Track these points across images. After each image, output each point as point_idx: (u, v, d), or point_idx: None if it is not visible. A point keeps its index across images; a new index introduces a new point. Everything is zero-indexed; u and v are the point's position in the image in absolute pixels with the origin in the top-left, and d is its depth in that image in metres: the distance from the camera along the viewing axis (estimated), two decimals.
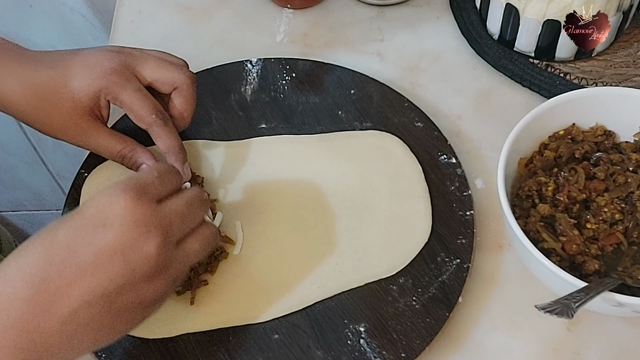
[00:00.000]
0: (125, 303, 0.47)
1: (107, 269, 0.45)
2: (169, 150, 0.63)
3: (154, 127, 0.62)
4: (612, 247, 0.59)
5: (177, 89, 0.64)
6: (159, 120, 0.62)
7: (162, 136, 0.63)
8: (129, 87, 0.61)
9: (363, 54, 0.80)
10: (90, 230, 0.46)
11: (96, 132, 0.63)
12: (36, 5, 1.05)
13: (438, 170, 0.68)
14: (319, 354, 0.59)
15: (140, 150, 0.65)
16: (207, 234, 0.53)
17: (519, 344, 0.61)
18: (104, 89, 0.61)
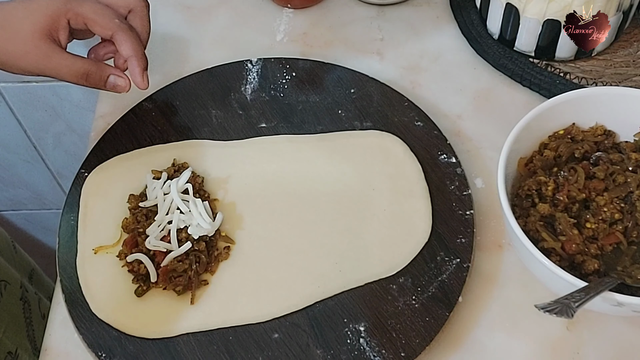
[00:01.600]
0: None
1: None
2: (133, 53, 0.64)
3: (119, 33, 0.64)
4: (612, 246, 0.59)
5: (131, 11, 0.66)
6: (123, 25, 0.64)
7: (126, 40, 0.64)
8: (87, 1, 0.64)
9: (363, 54, 0.80)
10: None
11: (57, 54, 0.63)
12: None
13: (438, 170, 0.68)
14: (319, 353, 0.59)
15: (103, 64, 0.65)
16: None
17: (519, 344, 0.61)
18: (63, 9, 0.63)
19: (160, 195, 0.65)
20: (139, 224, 0.64)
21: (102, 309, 0.61)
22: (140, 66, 0.64)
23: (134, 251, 0.63)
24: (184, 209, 0.63)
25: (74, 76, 0.64)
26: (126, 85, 0.65)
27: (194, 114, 0.73)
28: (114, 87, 0.65)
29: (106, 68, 0.65)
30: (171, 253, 0.62)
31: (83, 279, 0.63)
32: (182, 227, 0.63)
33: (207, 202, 0.65)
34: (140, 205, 0.65)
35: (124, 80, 0.65)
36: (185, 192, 0.65)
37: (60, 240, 0.65)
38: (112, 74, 0.65)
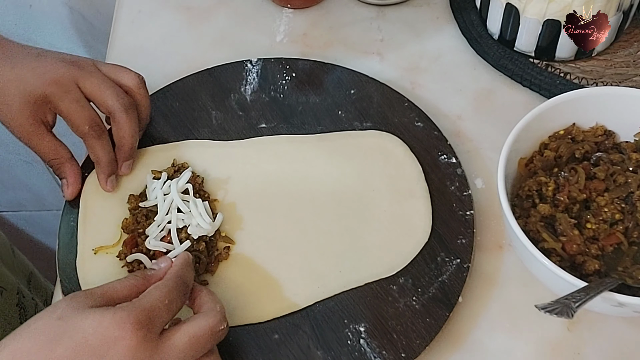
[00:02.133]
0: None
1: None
2: (97, 162, 0.66)
3: (87, 139, 0.65)
4: (612, 247, 0.59)
5: (111, 114, 0.65)
6: (92, 132, 0.64)
7: (94, 148, 0.65)
8: (66, 98, 0.63)
9: (363, 54, 0.80)
10: (89, 357, 0.46)
11: (36, 136, 0.65)
12: (36, 5, 1.05)
13: (438, 170, 0.68)
14: (319, 354, 0.59)
15: (68, 166, 0.67)
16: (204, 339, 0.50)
17: (519, 344, 0.61)
18: (44, 98, 0.63)
19: (160, 196, 0.64)
20: (138, 224, 0.64)
21: None
22: (102, 173, 0.66)
23: (134, 251, 0.63)
24: (184, 209, 0.63)
25: (43, 160, 0.67)
26: (72, 194, 0.67)
27: (194, 114, 0.73)
28: (63, 189, 0.67)
29: (65, 170, 0.66)
30: (171, 252, 0.62)
31: (83, 279, 0.63)
32: (181, 227, 0.63)
33: (207, 202, 0.65)
34: (140, 206, 0.65)
35: (72, 191, 0.67)
36: (186, 192, 0.65)
37: (60, 241, 0.65)
38: (66, 178, 0.67)
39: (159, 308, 0.48)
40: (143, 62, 0.80)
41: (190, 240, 0.62)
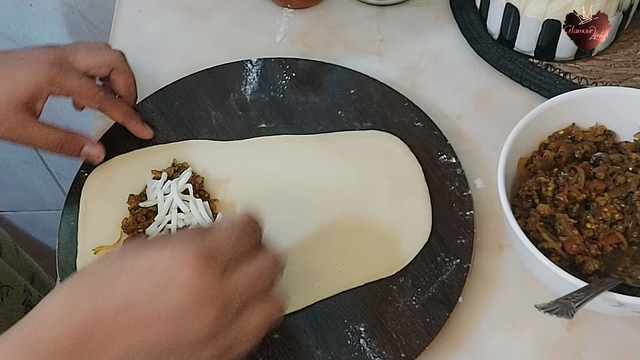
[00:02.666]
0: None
1: (157, 331, 0.44)
2: (124, 118, 0.68)
3: (106, 102, 0.67)
4: (612, 247, 0.59)
5: (114, 69, 0.68)
6: (108, 94, 0.67)
7: (116, 107, 0.68)
8: (71, 75, 0.64)
9: (363, 54, 0.80)
10: (151, 288, 0.44)
11: (31, 125, 0.64)
12: (36, 5, 1.05)
13: (438, 170, 0.68)
14: (319, 353, 0.59)
15: (79, 134, 0.67)
16: (269, 309, 0.49)
17: (519, 344, 0.61)
18: (47, 81, 0.63)
19: (161, 196, 0.64)
20: (138, 224, 0.64)
21: None
22: (137, 124, 0.69)
23: None
24: (184, 209, 0.63)
25: (48, 146, 0.65)
26: (100, 154, 0.68)
27: (194, 114, 0.73)
28: (88, 156, 0.68)
29: (80, 138, 0.67)
30: None
31: None
32: (181, 227, 0.63)
33: (207, 202, 0.65)
34: (141, 206, 0.65)
35: (98, 150, 0.68)
36: (186, 192, 0.65)
37: (61, 241, 0.65)
38: (86, 143, 0.67)
39: (225, 246, 0.47)
40: (143, 61, 0.80)
41: None
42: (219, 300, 0.45)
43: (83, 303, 0.43)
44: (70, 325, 0.42)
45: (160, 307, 0.43)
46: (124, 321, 0.43)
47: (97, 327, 0.42)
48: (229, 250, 0.47)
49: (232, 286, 0.46)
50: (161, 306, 0.43)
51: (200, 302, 0.44)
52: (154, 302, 0.43)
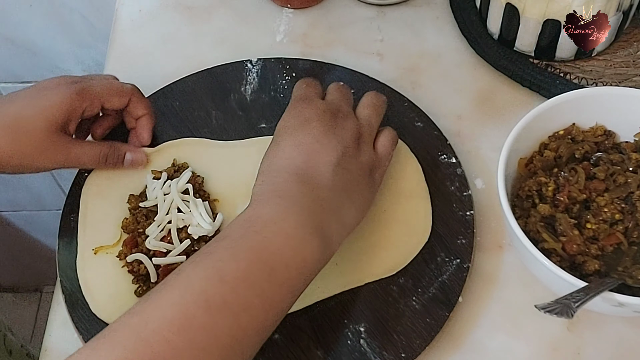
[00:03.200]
0: (355, 169, 0.58)
1: (328, 145, 0.57)
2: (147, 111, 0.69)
3: (134, 96, 0.68)
4: (612, 247, 0.59)
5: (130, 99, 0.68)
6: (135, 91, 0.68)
7: (141, 100, 0.68)
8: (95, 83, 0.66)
9: (363, 54, 0.80)
10: (301, 130, 0.58)
11: (74, 146, 0.65)
12: (36, 5, 1.05)
13: (438, 170, 0.68)
14: (319, 353, 0.59)
15: (118, 144, 0.68)
16: (370, 97, 0.64)
17: (519, 344, 0.61)
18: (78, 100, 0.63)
19: (161, 196, 0.64)
20: (139, 224, 0.64)
21: (102, 310, 0.61)
22: (151, 123, 0.69)
23: (134, 251, 0.63)
24: (184, 209, 0.63)
25: (94, 162, 0.66)
26: (143, 159, 0.69)
27: (194, 114, 0.73)
28: (132, 163, 0.68)
29: (121, 147, 0.68)
30: (171, 252, 0.62)
31: (83, 279, 0.63)
32: (181, 226, 0.63)
33: (207, 202, 0.65)
34: (141, 206, 0.65)
35: (141, 155, 0.68)
36: (186, 192, 0.65)
37: (60, 241, 0.65)
38: (128, 151, 0.68)
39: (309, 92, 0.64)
40: (143, 61, 0.81)
41: (190, 240, 0.62)
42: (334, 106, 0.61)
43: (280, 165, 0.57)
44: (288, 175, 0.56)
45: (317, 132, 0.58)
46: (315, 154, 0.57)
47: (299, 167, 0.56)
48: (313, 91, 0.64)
49: (332, 99, 0.63)
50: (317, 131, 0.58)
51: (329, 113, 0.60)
52: (313, 133, 0.58)
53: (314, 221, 0.53)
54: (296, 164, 0.56)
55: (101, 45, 1.09)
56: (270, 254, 0.50)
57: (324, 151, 0.57)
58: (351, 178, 0.57)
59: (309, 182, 0.55)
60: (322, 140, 0.57)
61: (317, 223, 0.53)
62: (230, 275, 0.48)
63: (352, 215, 0.57)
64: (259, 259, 0.49)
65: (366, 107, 0.63)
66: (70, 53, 1.14)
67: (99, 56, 1.13)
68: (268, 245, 0.50)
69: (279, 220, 0.51)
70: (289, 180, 0.55)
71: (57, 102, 0.62)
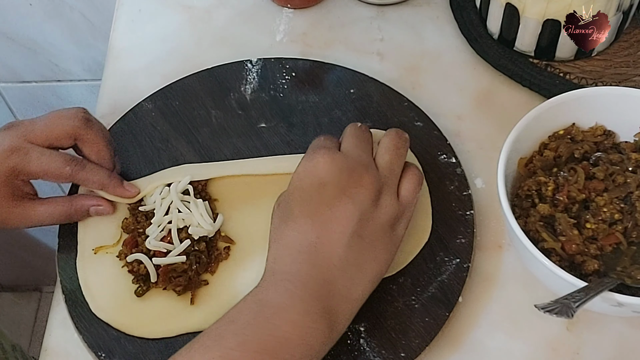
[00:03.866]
0: (372, 232, 0.56)
1: (343, 214, 0.55)
2: (101, 187, 0.64)
3: (75, 176, 0.62)
4: (612, 247, 0.59)
5: (77, 139, 0.63)
6: (75, 167, 0.62)
7: (87, 179, 0.63)
8: (32, 158, 0.61)
9: (363, 54, 0.80)
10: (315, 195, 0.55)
11: (32, 209, 0.63)
12: (36, 4, 1.05)
13: (438, 170, 0.68)
14: None
15: (79, 199, 0.65)
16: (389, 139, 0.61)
17: (518, 344, 0.61)
18: (11, 171, 0.61)
19: (158, 200, 0.64)
20: (139, 224, 0.64)
21: (102, 309, 0.61)
22: (116, 188, 0.64)
23: (134, 251, 0.63)
24: (183, 210, 0.63)
25: (56, 221, 0.64)
26: (109, 209, 0.65)
27: (194, 114, 0.73)
28: (98, 214, 0.65)
29: (83, 202, 0.65)
30: (171, 252, 0.62)
31: (83, 279, 0.63)
32: (182, 227, 0.63)
33: (207, 202, 0.65)
34: (140, 209, 0.65)
35: (105, 207, 0.65)
36: (186, 192, 0.65)
37: (60, 240, 0.65)
38: (91, 205, 0.65)
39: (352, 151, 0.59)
40: (143, 61, 0.81)
41: (190, 240, 0.62)
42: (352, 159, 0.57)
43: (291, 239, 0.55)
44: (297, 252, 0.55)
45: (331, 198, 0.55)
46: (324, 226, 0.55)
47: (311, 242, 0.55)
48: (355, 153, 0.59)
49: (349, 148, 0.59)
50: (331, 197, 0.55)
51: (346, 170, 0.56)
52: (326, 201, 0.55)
53: (321, 306, 0.53)
54: (308, 240, 0.54)
55: (101, 44, 1.10)
56: (276, 342, 0.50)
57: (337, 222, 0.55)
58: (366, 246, 0.55)
59: (319, 263, 0.54)
60: (337, 208, 0.55)
61: (324, 307, 0.53)
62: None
63: (364, 288, 0.56)
64: (266, 348, 0.50)
65: (387, 152, 0.59)
66: (70, 52, 1.14)
67: (98, 55, 1.13)
68: (275, 333, 0.50)
69: (287, 307, 0.52)
70: (299, 260, 0.54)
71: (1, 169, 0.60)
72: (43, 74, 1.18)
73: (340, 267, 0.54)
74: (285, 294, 0.52)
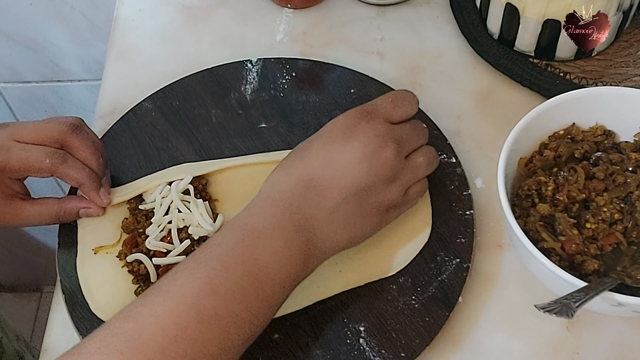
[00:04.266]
0: (370, 204, 0.57)
1: (356, 173, 0.56)
2: (79, 185, 0.63)
3: (56, 170, 0.61)
4: (612, 246, 0.59)
5: (64, 145, 0.62)
6: (55, 161, 0.61)
7: (67, 173, 0.62)
8: (12, 153, 0.61)
9: (363, 54, 0.80)
10: (340, 144, 0.56)
11: (21, 209, 0.63)
12: (36, 3, 1.05)
13: (438, 170, 0.68)
14: (318, 353, 0.59)
15: (69, 201, 0.65)
16: (430, 151, 0.62)
17: (518, 344, 0.61)
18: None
19: (158, 199, 0.64)
20: (138, 224, 0.64)
21: (102, 309, 0.61)
22: (92, 190, 0.63)
23: (134, 251, 0.63)
24: (183, 210, 0.63)
25: (46, 222, 0.65)
26: (98, 211, 0.65)
27: (194, 113, 0.73)
28: (88, 216, 0.65)
29: (73, 204, 0.65)
30: (171, 252, 0.62)
31: (83, 279, 0.63)
32: (182, 227, 0.63)
33: (208, 202, 0.65)
34: (140, 208, 0.65)
35: (94, 209, 0.65)
36: (186, 192, 0.65)
37: (60, 240, 0.66)
38: (81, 207, 0.65)
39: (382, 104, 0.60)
40: (143, 61, 0.81)
41: (190, 240, 0.62)
42: (393, 137, 0.58)
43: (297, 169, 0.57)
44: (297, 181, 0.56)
45: (352, 155, 0.56)
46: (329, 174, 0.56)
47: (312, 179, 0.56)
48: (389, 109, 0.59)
49: (399, 130, 0.59)
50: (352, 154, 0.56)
51: (380, 140, 0.57)
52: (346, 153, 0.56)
53: (302, 239, 0.54)
54: (311, 175, 0.56)
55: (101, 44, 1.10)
56: (259, 268, 0.52)
57: (345, 177, 0.56)
58: (358, 212, 0.57)
59: (313, 199, 0.55)
60: (353, 165, 0.56)
61: (305, 241, 0.54)
62: (222, 288, 0.50)
63: (337, 244, 0.57)
64: (249, 273, 0.51)
65: (422, 155, 0.61)
66: (71, 51, 1.14)
67: (99, 55, 1.13)
68: (258, 259, 0.52)
69: (270, 235, 0.53)
70: (296, 188, 0.55)
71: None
72: (43, 74, 1.18)
73: (329, 213, 0.55)
74: (271, 220, 0.54)
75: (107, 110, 0.76)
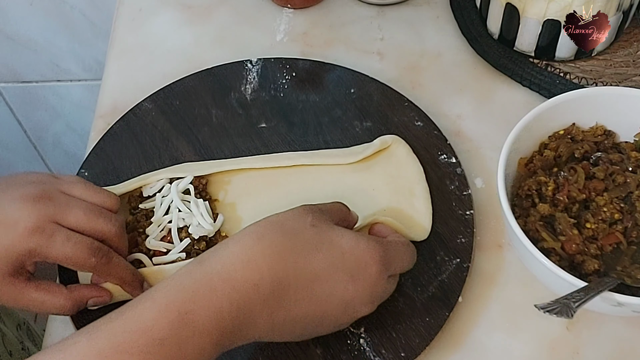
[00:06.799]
0: None
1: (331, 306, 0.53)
2: (122, 283, 0.59)
3: (99, 269, 0.57)
4: (612, 246, 0.59)
5: (104, 240, 0.58)
6: (101, 260, 0.57)
7: (110, 273, 0.58)
8: (56, 243, 0.55)
9: (363, 53, 0.80)
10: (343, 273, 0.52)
11: (27, 292, 0.56)
12: (36, 3, 1.05)
13: (438, 170, 0.68)
14: (318, 352, 0.59)
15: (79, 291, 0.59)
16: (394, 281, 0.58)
17: (518, 344, 0.61)
18: (28, 253, 0.54)
19: (159, 199, 0.64)
20: (139, 224, 0.64)
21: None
22: (136, 289, 0.60)
23: (134, 251, 0.63)
24: (183, 210, 0.63)
25: (47, 312, 0.59)
26: (108, 298, 0.60)
27: (194, 113, 0.73)
28: (96, 305, 0.60)
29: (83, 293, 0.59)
30: (171, 252, 0.62)
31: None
32: (182, 226, 0.63)
33: (208, 202, 0.65)
34: (140, 207, 0.65)
35: (105, 298, 0.60)
36: (187, 192, 0.65)
37: None
38: (90, 297, 0.59)
39: (398, 259, 0.56)
40: (143, 60, 0.81)
41: (190, 240, 0.62)
42: (380, 295, 0.55)
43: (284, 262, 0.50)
44: (271, 277, 0.50)
45: (345, 292, 0.52)
46: (310, 290, 0.51)
47: (291, 284, 0.50)
48: (398, 265, 0.56)
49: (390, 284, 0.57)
50: (346, 290, 0.52)
51: (371, 296, 0.54)
52: (339, 284, 0.52)
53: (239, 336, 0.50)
54: None
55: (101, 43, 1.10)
56: None
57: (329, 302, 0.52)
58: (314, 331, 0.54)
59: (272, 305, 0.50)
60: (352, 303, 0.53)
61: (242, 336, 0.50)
62: None
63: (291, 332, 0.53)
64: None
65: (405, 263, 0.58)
66: (71, 51, 1.14)
67: (99, 55, 1.13)
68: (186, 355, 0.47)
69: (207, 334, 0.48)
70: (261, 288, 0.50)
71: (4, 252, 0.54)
72: (43, 74, 1.18)
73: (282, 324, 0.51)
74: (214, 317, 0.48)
75: (107, 110, 0.76)
